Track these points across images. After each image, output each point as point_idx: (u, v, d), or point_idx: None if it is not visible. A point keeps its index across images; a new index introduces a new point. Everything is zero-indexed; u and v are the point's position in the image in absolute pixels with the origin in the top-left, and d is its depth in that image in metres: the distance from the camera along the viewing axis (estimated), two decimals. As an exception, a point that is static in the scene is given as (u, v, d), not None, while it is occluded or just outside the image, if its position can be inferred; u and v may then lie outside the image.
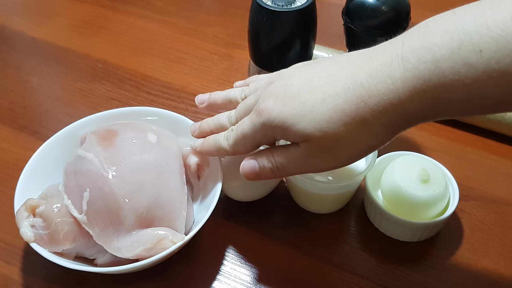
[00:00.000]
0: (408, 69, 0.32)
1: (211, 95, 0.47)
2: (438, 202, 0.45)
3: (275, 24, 0.48)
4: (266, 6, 0.48)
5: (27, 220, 0.42)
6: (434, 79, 0.31)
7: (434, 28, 0.32)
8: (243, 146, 0.41)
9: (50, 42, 0.72)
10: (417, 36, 0.32)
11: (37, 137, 0.58)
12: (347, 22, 0.48)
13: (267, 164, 0.40)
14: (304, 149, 0.37)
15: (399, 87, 0.32)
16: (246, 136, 0.40)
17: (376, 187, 0.49)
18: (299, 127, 0.36)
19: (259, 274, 0.46)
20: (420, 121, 0.34)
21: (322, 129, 0.35)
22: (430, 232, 0.47)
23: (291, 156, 0.38)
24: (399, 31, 0.47)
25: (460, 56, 0.30)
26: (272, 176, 0.40)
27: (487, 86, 0.30)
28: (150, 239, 0.41)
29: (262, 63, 0.53)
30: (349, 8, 0.47)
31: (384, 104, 0.33)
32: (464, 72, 0.30)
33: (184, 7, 0.80)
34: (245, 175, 0.41)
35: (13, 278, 0.45)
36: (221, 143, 0.42)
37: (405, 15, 0.46)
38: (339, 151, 0.36)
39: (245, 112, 0.41)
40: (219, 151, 0.43)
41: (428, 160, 0.48)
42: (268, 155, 0.40)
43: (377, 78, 0.33)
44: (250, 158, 0.41)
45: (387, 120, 0.34)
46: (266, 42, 0.50)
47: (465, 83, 0.30)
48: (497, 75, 0.29)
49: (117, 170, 0.42)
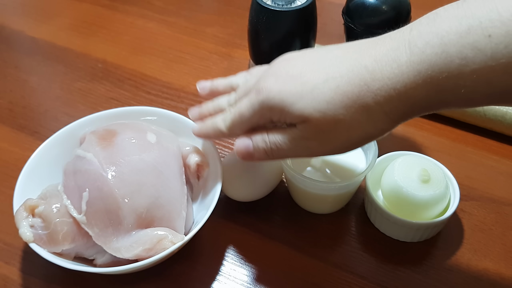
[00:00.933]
0: (415, 53, 0.31)
1: (213, 81, 0.46)
2: (439, 202, 0.45)
3: (275, 23, 0.48)
4: (266, 5, 0.48)
5: (26, 220, 0.41)
6: (440, 64, 0.31)
7: (443, 14, 0.32)
8: (239, 128, 0.40)
9: (49, 41, 0.72)
10: (426, 22, 0.32)
11: (36, 137, 0.58)
12: (347, 21, 0.47)
13: (261, 144, 0.39)
14: (301, 130, 0.36)
15: (403, 71, 0.32)
16: (243, 116, 0.39)
17: (376, 187, 0.49)
18: (298, 107, 0.35)
19: (259, 274, 0.46)
20: (423, 111, 0.34)
21: (321, 110, 0.34)
22: (431, 232, 0.47)
23: (286, 138, 0.38)
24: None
25: (468, 40, 0.30)
26: (265, 157, 0.40)
27: (495, 72, 0.29)
28: (150, 239, 0.41)
29: (262, 62, 0.52)
30: (349, 7, 0.47)
31: (387, 89, 0.33)
32: (471, 57, 0.30)
33: (183, 6, 0.80)
34: (239, 153, 0.40)
35: (12, 279, 0.45)
36: (218, 125, 0.41)
37: (405, 15, 0.46)
38: (336, 135, 0.36)
39: (244, 93, 0.40)
40: (216, 133, 0.42)
41: (429, 160, 0.48)
42: (263, 134, 0.39)
43: (382, 61, 0.33)
44: (245, 137, 0.40)
45: (389, 107, 0.33)
46: (266, 42, 0.50)
47: (472, 68, 0.30)
48: (505, 60, 0.29)
49: (116, 170, 0.42)
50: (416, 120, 0.60)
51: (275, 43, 0.50)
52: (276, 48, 0.50)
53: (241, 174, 0.47)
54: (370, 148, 0.48)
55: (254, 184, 0.46)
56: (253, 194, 0.49)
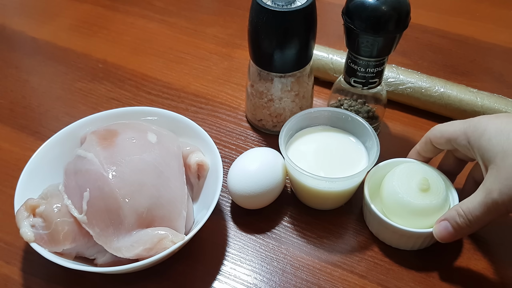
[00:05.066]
0: None
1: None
2: (436, 212, 0.44)
3: (275, 24, 0.48)
4: (266, 6, 0.48)
5: (27, 220, 0.42)
6: None
7: None
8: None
9: (50, 42, 0.72)
10: None
11: (37, 137, 0.58)
12: (347, 22, 0.48)
13: (458, 220, 0.41)
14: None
15: None
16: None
17: (376, 193, 0.49)
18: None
19: (259, 274, 0.46)
20: None
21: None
22: (430, 241, 0.47)
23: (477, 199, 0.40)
24: (399, 31, 0.47)
25: None
26: (468, 230, 0.41)
27: None
28: (150, 239, 0.41)
29: (262, 63, 0.53)
30: (349, 8, 0.47)
31: None
32: None
33: (184, 7, 0.80)
34: (441, 238, 0.43)
35: (13, 278, 0.45)
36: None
37: (405, 15, 0.46)
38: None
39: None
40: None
41: (431, 169, 0.48)
42: (456, 209, 0.41)
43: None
44: (440, 221, 0.43)
45: None
46: (266, 42, 0.50)
47: None
48: None
49: (117, 170, 0.42)
50: (416, 120, 0.61)
51: (276, 43, 0.50)
52: (276, 48, 0.50)
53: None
54: (372, 147, 0.48)
55: (260, 196, 0.47)
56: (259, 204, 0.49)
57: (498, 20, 0.77)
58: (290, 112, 0.56)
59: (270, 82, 0.54)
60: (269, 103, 0.55)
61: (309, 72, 0.55)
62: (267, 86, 0.54)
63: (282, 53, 0.51)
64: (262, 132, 0.59)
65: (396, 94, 0.61)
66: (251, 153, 0.49)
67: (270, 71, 0.53)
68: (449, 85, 0.59)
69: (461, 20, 0.77)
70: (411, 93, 0.60)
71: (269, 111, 0.56)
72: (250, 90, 0.57)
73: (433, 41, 0.73)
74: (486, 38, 0.73)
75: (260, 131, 0.59)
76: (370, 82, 0.52)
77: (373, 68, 0.50)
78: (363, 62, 0.50)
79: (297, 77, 0.53)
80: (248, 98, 0.58)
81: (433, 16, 0.77)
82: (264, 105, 0.56)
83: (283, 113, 0.56)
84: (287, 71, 0.52)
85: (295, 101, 0.55)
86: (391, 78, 0.61)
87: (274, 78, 0.53)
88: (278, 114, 0.56)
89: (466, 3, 0.81)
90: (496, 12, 0.79)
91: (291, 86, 0.54)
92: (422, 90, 0.59)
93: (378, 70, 0.51)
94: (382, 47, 0.48)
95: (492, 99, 0.57)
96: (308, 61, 0.53)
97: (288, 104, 0.55)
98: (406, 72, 0.61)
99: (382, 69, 0.51)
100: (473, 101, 0.57)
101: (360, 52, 0.49)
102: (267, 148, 0.50)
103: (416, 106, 0.61)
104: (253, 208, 0.49)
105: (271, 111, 0.56)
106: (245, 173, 0.47)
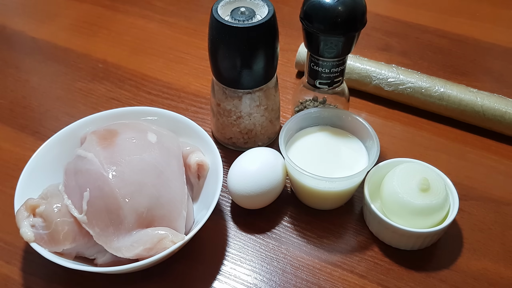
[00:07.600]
0: None
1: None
2: (436, 212, 0.44)
3: (240, 41, 0.47)
4: (228, 23, 0.46)
5: (27, 220, 0.42)
6: None
7: None
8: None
9: (50, 42, 0.72)
10: None
11: (37, 137, 0.58)
12: (308, 26, 0.46)
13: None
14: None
15: None
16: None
17: (376, 193, 0.49)
18: None
19: (259, 274, 0.46)
20: None
21: None
22: (430, 241, 0.47)
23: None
24: (356, 31, 0.46)
25: None
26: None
27: None
28: (150, 239, 0.41)
29: (228, 81, 0.50)
30: (307, 11, 0.46)
31: None
32: None
33: (184, 7, 0.80)
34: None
35: (13, 278, 0.45)
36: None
37: (360, 16, 0.46)
38: None
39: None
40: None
41: (431, 169, 0.48)
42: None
43: None
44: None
45: None
46: (232, 60, 0.48)
47: None
48: None
49: (117, 170, 0.42)
50: (416, 120, 0.61)
51: (242, 60, 0.48)
52: (241, 65, 0.48)
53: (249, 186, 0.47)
54: (372, 147, 0.48)
55: (260, 196, 0.47)
56: (259, 204, 0.49)
57: (498, 20, 0.77)
58: (261, 127, 0.54)
59: (238, 99, 0.51)
60: (238, 120, 0.53)
61: (275, 84, 0.53)
62: (235, 104, 0.52)
63: (250, 69, 0.49)
64: (232, 150, 0.57)
65: (396, 94, 0.61)
66: (251, 153, 0.49)
67: (237, 88, 0.50)
68: (449, 85, 0.59)
69: (461, 20, 0.77)
70: (411, 93, 0.60)
71: (239, 128, 0.54)
72: (216, 109, 0.54)
73: (433, 41, 0.73)
74: (486, 38, 0.73)
75: (230, 149, 0.57)
76: (335, 82, 0.51)
77: (337, 67, 0.49)
78: (327, 63, 0.49)
79: (263, 90, 0.52)
80: (214, 117, 0.55)
81: (433, 16, 0.77)
82: (233, 123, 0.53)
83: (254, 128, 0.54)
84: (256, 86, 0.50)
85: (265, 115, 0.53)
86: (391, 78, 0.61)
87: (243, 95, 0.51)
88: (249, 130, 0.54)
89: (466, 3, 0.81)
90: (496, 12, 0.79)
91: (259, 100, 0.52)
92: (422, 90, 0.59)
93: (342, 69, 0.50)
94: (345, 46, 0.47)
95: (492, 99, 0.57)
96: (274, 73, 0.52)
97: (258, 119, 0.53)
98: (406, 72, 0.61)
99: (345, 67, 0.50)
100: (473, 101, 0.57)
101: (324, 54, 0.48)
102: (267, 148, 0.50)
103: (416, 106, 0.61)
104: (253, 208, 0.49)
105: (241, 128, 0.54)
106: (245, 173, 0.47)
